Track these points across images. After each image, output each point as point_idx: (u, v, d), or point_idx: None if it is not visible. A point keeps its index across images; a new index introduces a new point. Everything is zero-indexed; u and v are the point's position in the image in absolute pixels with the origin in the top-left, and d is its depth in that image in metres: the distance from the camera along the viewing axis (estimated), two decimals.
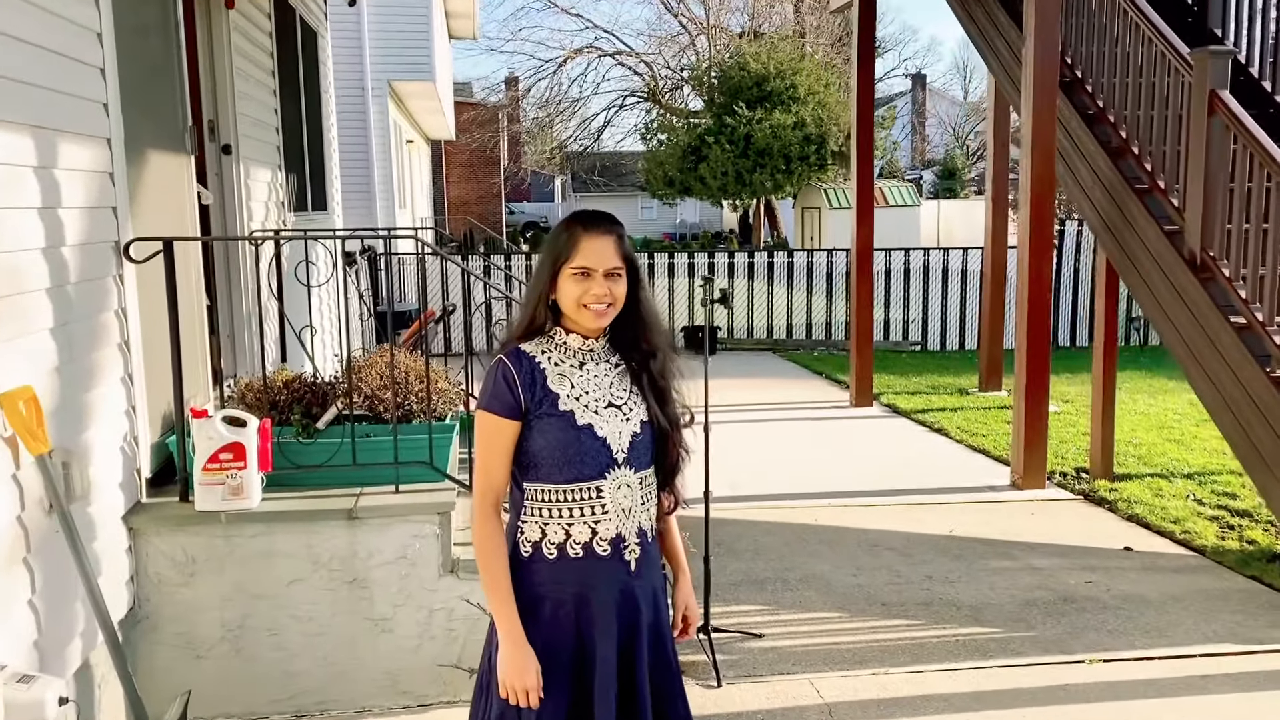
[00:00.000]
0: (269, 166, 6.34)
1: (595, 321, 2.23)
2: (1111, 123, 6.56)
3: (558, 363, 2.25)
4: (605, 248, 2.21)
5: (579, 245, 2.21)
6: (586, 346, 2.28)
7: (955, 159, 38.66)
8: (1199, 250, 5.69)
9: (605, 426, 2.22)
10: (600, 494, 2.21)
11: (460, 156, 31.96)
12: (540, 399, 2.21)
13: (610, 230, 2.24)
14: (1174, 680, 4.07)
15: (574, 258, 2.20)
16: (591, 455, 2.20)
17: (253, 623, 3.81)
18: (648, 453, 2.29)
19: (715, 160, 24.14)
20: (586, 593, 2.23)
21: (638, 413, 2.27)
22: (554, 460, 2.20)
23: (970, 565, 5.34)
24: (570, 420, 2.20)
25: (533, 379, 2.22)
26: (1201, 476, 6.91)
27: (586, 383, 2.24)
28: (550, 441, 2.20)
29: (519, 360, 2.23)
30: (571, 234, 2.23)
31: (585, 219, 2.25)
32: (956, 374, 11.27)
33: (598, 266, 2.19)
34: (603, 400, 2.24)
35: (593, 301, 2.20)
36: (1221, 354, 5.50)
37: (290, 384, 4.22)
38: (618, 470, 2.23)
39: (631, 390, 2.30)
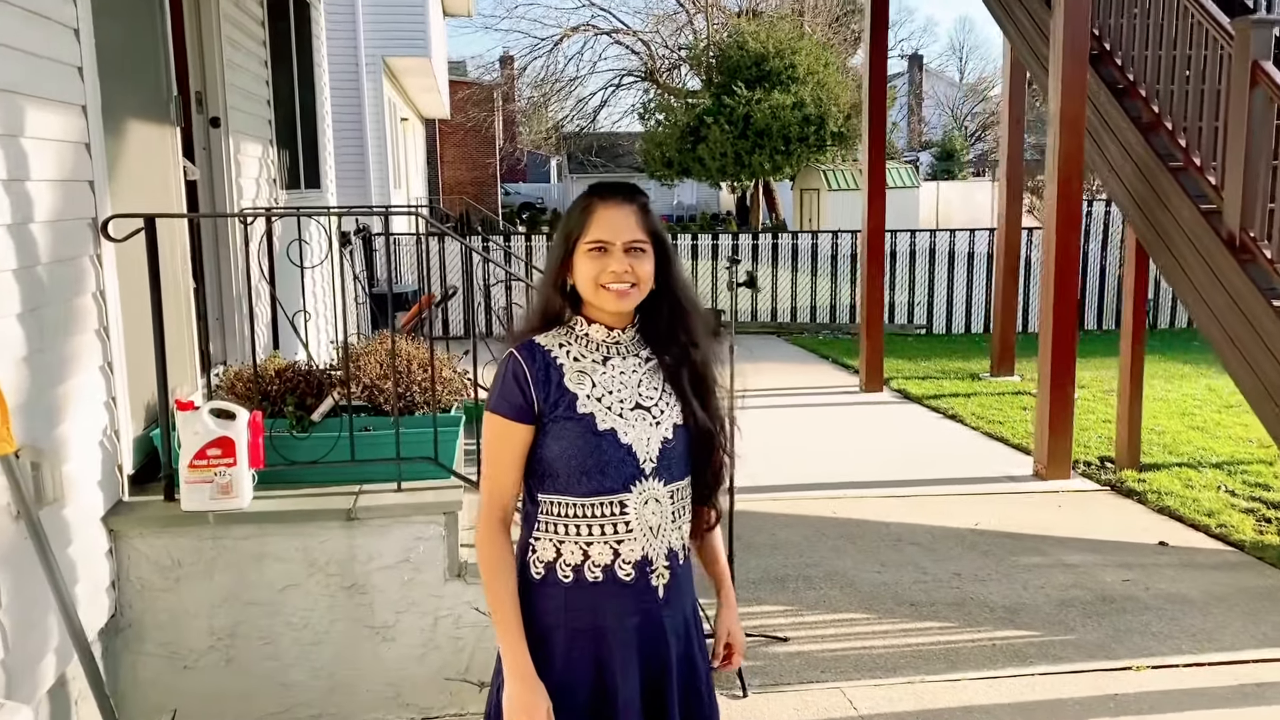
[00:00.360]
0: (260, 141, 6.02)
1: (617, 304, 1.93)
2: (1143, 97, 6.28)
3: (578, 357, 1.97)
4: (624, 219, 1.93)
5: (594, 217, 1.93)
6: (612, 338, 1.99)
7: (953, 140, 38.28)
8: (1238, 230, 5.42)
9: (631, 432, 1.94)
10: (624, 510, 1.93)
11: (455, 136, 31.56)
12: (556, 399, 1.93)
13: (629, 200, 1.96)
14: (1229, 690, 3.82)
15: (588, 231, 1.93)
16: (614, 465, 1.92)
17: (244, 631, 3.53)
18: (682, 462, 2.00)
19: (714, 141, 23.77)
20: (607, 623, 1.94)
21: (670, 415, 1.99)
22: (571, 470, 1.92)
23: (1000, 562, 5.08)
24: (590, 424, 1.92)
25: (547, 376, 1.94)
26: (1230, 466, 6.66)
27: (611, 381, 1.96)
28: (567, 448, 1.92)
29: (532, 354, 1.95)
30: (586, 206, 1.96)
31: (601, 189, 1.99)
32: (966, 358, 11.01)
33: (615, 240, 1.91)
34: (629, 401, 1.96)
35: (611, 280, 1.91)
36: (1263, 339, 5.24)
37: (283, 372, 3.93)
38: (644, 482, 1.94)
39: (664, 389, 2.01)
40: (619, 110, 71.34)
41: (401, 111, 17.61)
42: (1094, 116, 6.51)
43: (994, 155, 38.47)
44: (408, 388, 3.94)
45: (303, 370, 3.98)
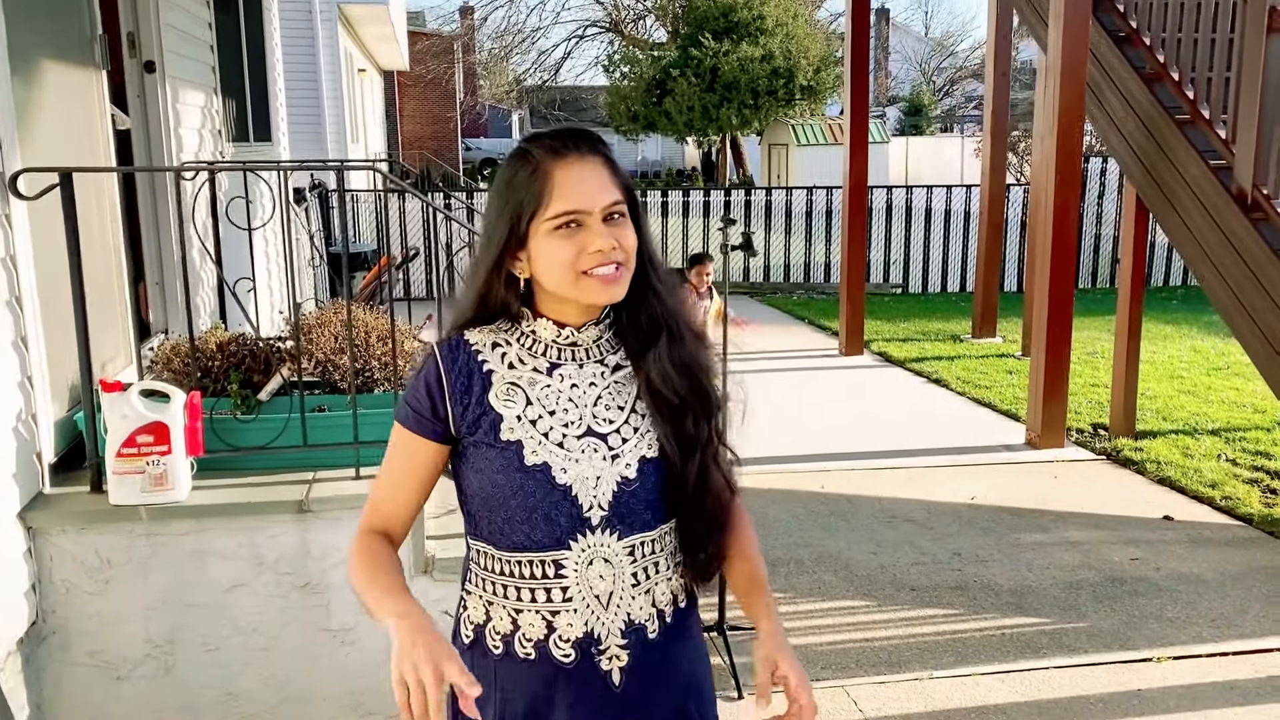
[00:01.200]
0: (203, 89, 5.54)
1: (606, 293, 1.45)
2: (1146, 45, 5.94)
3: (514, 363, 1.50)
4: (593, 176, 1.43)
5: (552, 181, 1.42)
6: (566, 338, 1.51)
7: (921, 95, 37.92)
8: (1250, 187, 5.12)
9: (572, 468, 1.45)
10: (560, 571, 1.46)
11: (414, 89, 30.73)
12: (476, 418, 1.46)
13: (594, 150, 1.46)
14: (1258, 683, 3.56)
15: (549, 201, 1.42)
16: (545, 512, 1.45)
17: (185, 636, 3.15)
18: (651, 507, 1.49)
19: (681, 94, 23.24)
20: (549, 713, 1.49)
21: (636, 446, 1.48)
22: (492, 515, 1.48)
23: (1001, 540, 4.80)
24: (515, 456, 1.44)
25: (468, 385, 1.47)
26: (1228, 433, 6.43)
27: (554, 397, 1.48)
28: (484, 485, 1.47)
29: (454, 356, 1.49)
30: (536, 167, 1.43)
31: (550, 140, 1.46)
32: (946, 319, 10.74)
33: (590, 207, 1.42)
34: (577, 425, 1.47)
35: (598, 264, 1.42)
36: (1277, 303, 4.96)
37: (225, 346, 3.52)
38: (589, 536, 1.46)
39: (634, 408, 1.51)
40: (582, 63, 70.24)
41: (358, 62, 16.95)
42: (1093, 67, 6.17)
43: (961, 110, 38.25)
44: (366, 362, 3.55)
45: (249, 343, 3.57)
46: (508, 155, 1.49)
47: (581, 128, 1.50)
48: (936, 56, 42.61)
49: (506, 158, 1.49)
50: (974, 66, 40.70)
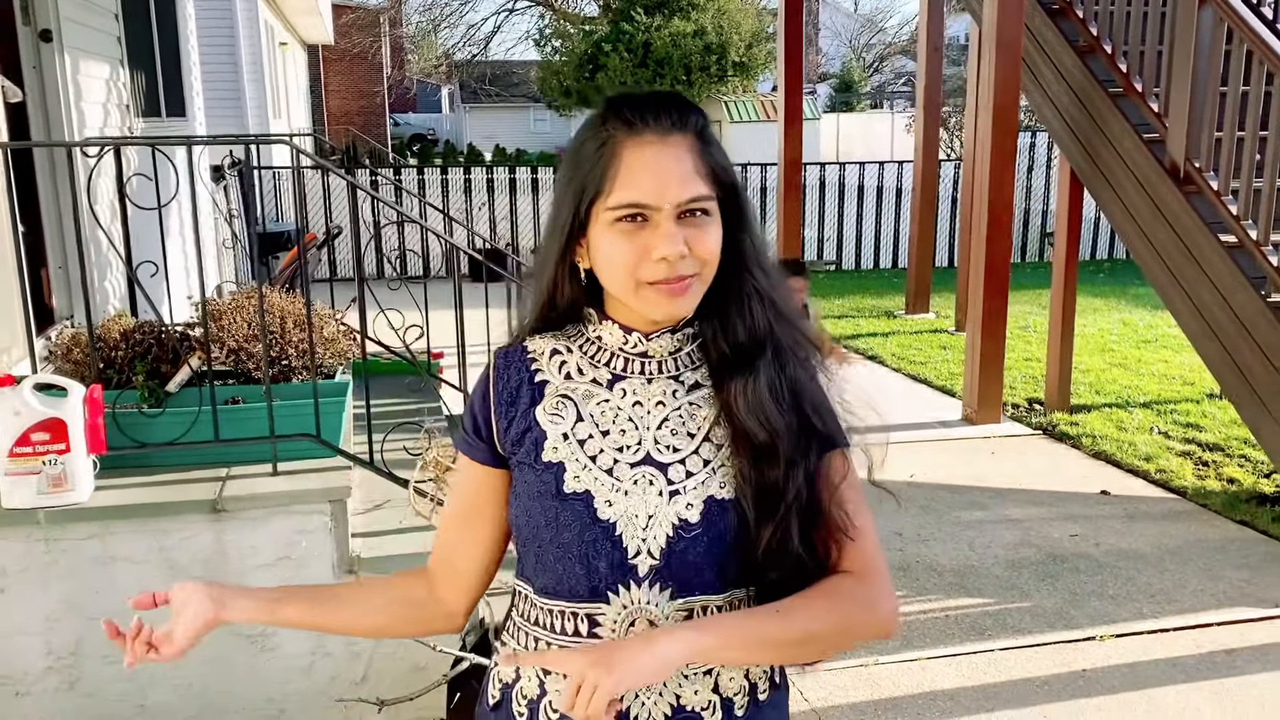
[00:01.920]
0: (107, 61, 5.23)
1: (667, 307, 1.19)
2: (1080, 19, 5.91)
3: (573, 373, 1.26)
4: (673, 162, 1.15)
5: (621, 162, 1.15)
6: (634, 346, 1.25)
7: (851, 72, 38.07)
8: (1183, 160, 5.12)
9: (620, 501, 1.19)
10: (594, 630, 1.21)
11: (340, 64, 30.00)
12: (521, 434, 1.24)
13: (680, 124, 1.17)
14: (1199, 659, 3.55)
15: (612, 186, 1.15)
16: (581, 552, 1.20)
17: (90, 648, 2.95)
18: (716, 564, 1.20)
19: (614, 70, 23.00)
20: None
21: (703, 482, 1.20)
22: (526, 548, 1.26)
23: (941, 518, 4.76)
24: (554, 480, 1.21)
25: (515, 396, 1.26)
26: (1159, 406, 6.49)
27: (612, 415, 1.23)
28: (521, 513, 1.24)
29: (507, 365, 1.28)
30: (606, 140, 1.17)
31: (632, 109, 1.17)
32: (880, 295, 10.75)
33: (659, 201, 1.15)
34: (634, 450, 1.22)
35: (660, 274, 1.16)
36: (1209, 276, 4.97)
37: (130, 335, 3.29)
38: (634, 590, 1.19)
39: (707, 436, 1.23)
40: (513, 37, 69.22)
41: (280, 35, 16.41)
42: (1027, 40, 6.13)
43: (891, 86, 38.52)
44: (282, 350, 3.35)
45: (155, 332, 3.35)
46: (591, 115, 1.24)
47: (677, 95, 1.21)
48: (866, 33, 42.82)
49: (587, 120, 1.24)
50: (903, 43, 41.02)
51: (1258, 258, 4.76)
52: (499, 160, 16.60)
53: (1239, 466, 5.39)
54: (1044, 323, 8.85)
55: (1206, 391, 6.73)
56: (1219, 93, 5.07)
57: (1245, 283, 4.78)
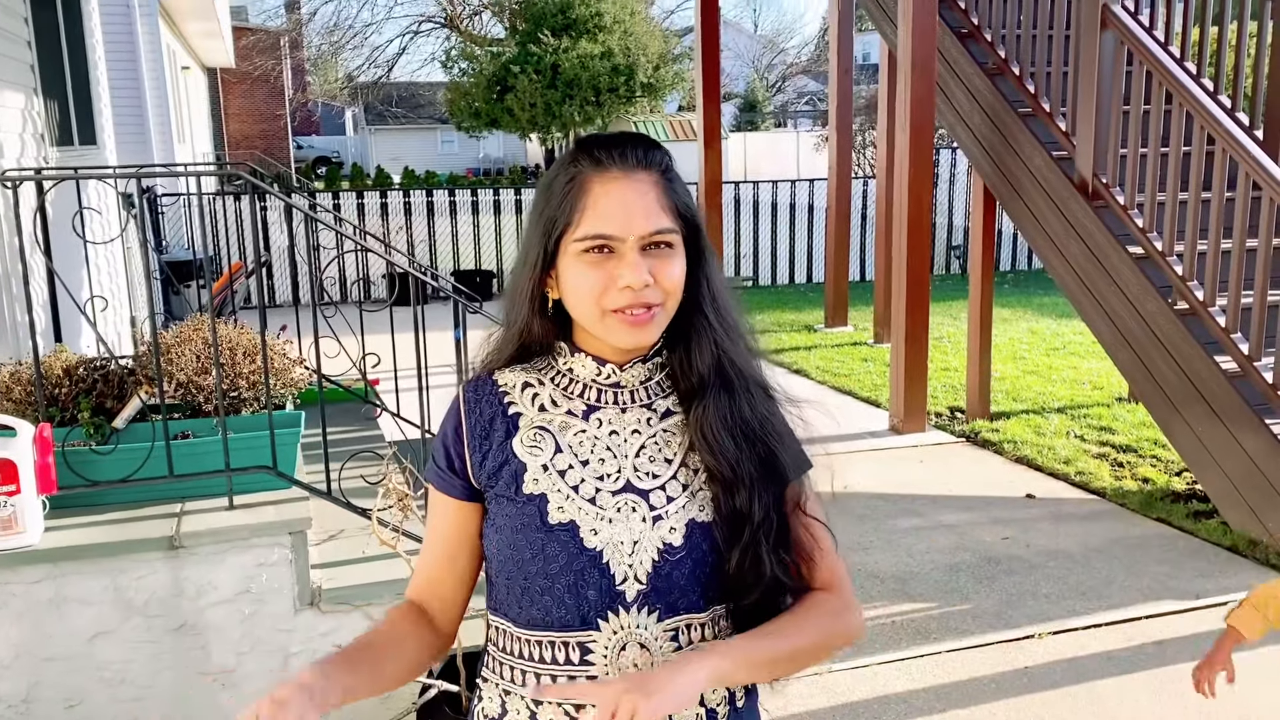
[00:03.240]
0: (22, 90, 5.09)
1: (632, 336, 1.23)
2: (988, 42, 6.17)
3: (546, 405, 1.29)
4: (636, 195, 1.21)
5: (589, 195, 1.21)
6: (606, 377, 1.29)
7: (755, 91, 38.75)
8: (1091, 176, 5.38)
9: (605, 529, 1.23)
10: (587, 657, 1.23)
11: (240, 86, 29.45)
12: (497, 467, 1.27)
13: (644, 163, 1.23)
14: (1131, 651, 3.73)
15: (580, 219, 1.21)
16: (570, 582, 1.23)
17: (43, 694, 2.87)
18: (700, 584, 1.25)
19: (522, 91, 23.05)
20: None
21: (684, 506, 1.25)
22: (510, 581, 1.26)
23: (879, 526, 4.90)
24: (537, 512, 1.23)
25: (489, 429, 1.28)
26: (1073, 410, 6.76)
27: (590, 444, 1.27)
28: (501, 546, 1.26)
29: (477, 396, 1.30)
30: (574, 176, 1.23)
31: (600, 148, 1.23)
32: (798, 310, 10.96)
33: (624, 233, 1.20)
34: (614, 479, 1.26)
35: (626, 302, 1.20)
36: (1120, 286, 5.23)
37: (73, 371, 3.22)
38: (623, 615, 1.23)
39: (684, 461, 1.28)
40: (418, 59, 68.75)
41: (182, 59, 16.06)
42: (939, 63, 6.37)
43: (794, 106, 39.31)
44: (233, 382, 3.31)
45: (98, 367, 3.28)
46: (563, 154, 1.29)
47: (642, 135, 1.28)
48: (768, 54, 43.65)
49: (561, 158, 1.29)
50: (804, 63, 41.94)
51: (1164, 267, 5.03)
52: (412, 183, 16.46)
53: (1151, 466, 5.66)
54: (956, 333, 9.17)
55: (1115, 396, 7.04)
56: (1122, 111, 5.36)
57: (1154, 291, 5.05)
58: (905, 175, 6.10)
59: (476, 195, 12.72)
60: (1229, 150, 4.61)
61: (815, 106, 36.45)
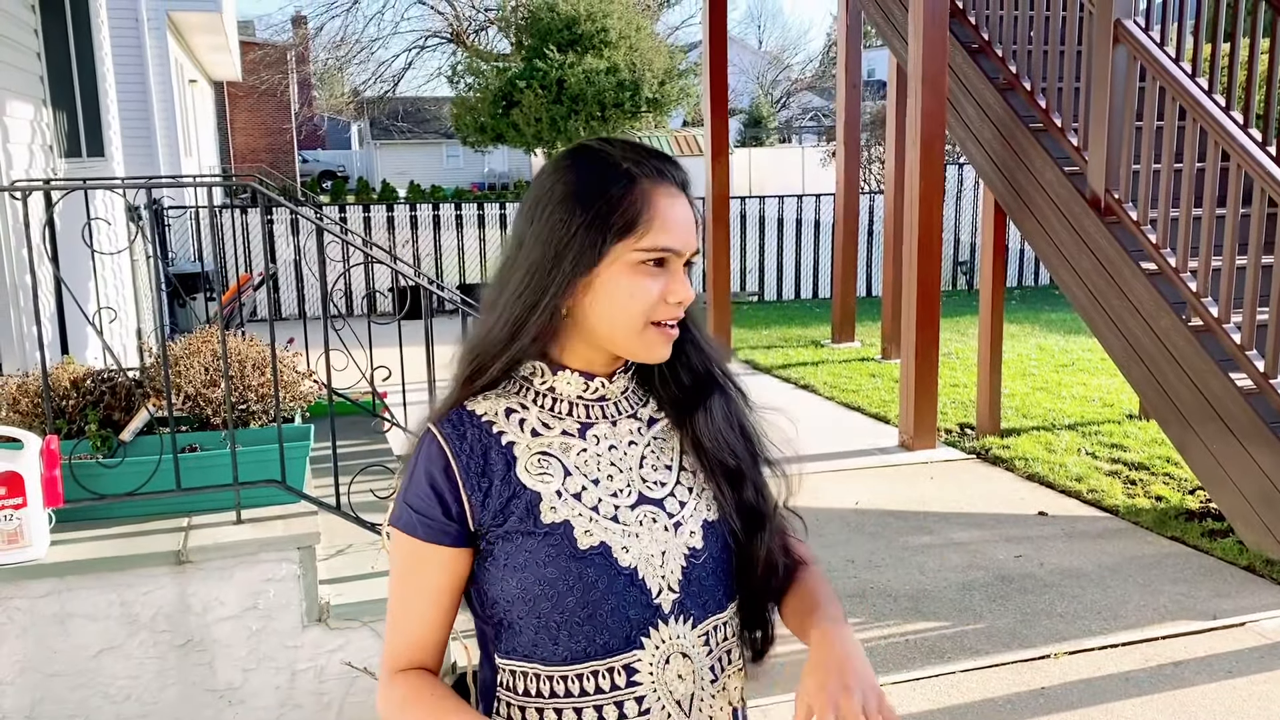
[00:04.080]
0: (31, 101, 5.08)
1: (666, 348, 1.22)
2: (999, 57, 6.15)
3: (539, 429, 1.23)
4: (688, 215, 1.21)
5: (656, 207, 1.18)
6: (594, 391, 1.25)
7: (760, 107, 38.84)
8: (1103, 192, 5.35)
9: (634, 545, 1.19)
10: (633, 679, 1.19)
11: (246, 100, 29.54)
12: (505, 504, 1.18)
13: (684, 184, 1.24)
14: (1148, 672, 3.67)
15: (648, 230, 1.17)
16: (613, 605, 1.18)
17: (47, 710, 2.83)
18: (721, 583, 1.25)
19: (528, 106, 23.10)
20: None
21: (696, 508, 1.25)
22: (538, 622, 1.19)
23: (890, 544, 4.85)
24: (565, 540, 1.17)
25: (486, 465, 1.19)
26: (1083, 427, 6.72)
27: (595, 462, 1.23)
28: (529, 586, 1.17)
29: (459, 431, 1.21)
30: (635, 183, 1.18)
31: (652, 160, 1.21)
32: (805, 325, 10.93)
33: (685, 248, 1.20)
34: (628, 493, 1.22)
35: (669, 315, 1.20)
36: (1133, 302, 5.19)
37: (80, 383, 3.19)
38: (663, 629, 1.20)
39: (682, 464, 1.27)
40: (424, 74, 69.00)
41: (189, 73, 16.11)
42: (950, 78, 6.36)
43: (798, 121, 39.37)
44: (241, 395, 3.28)
45: (106, 378, 3.25)
46: (576, 157, 1.22)
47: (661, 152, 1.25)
48: (773, 70, 43.78)
49: (576, 160, 1.21)
50: (808, 79, 42.06)
51: (1177, 283, 4.99)
52: (417, 197, 16.47)
53: (1164, 484, 5.61)
54: (964, 349, 9.13)
55: (1126, 412, 6.99)
56: (1135, 127, 5.34)
57: (1167, 308, 5.01)
58: (915, 190, 6.08)
59: (482, 209, 12.73)
60: (1244, 166, 4.58)
61: (820, 122, 36.52)
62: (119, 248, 3.25)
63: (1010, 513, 5.28)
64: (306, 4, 46.41)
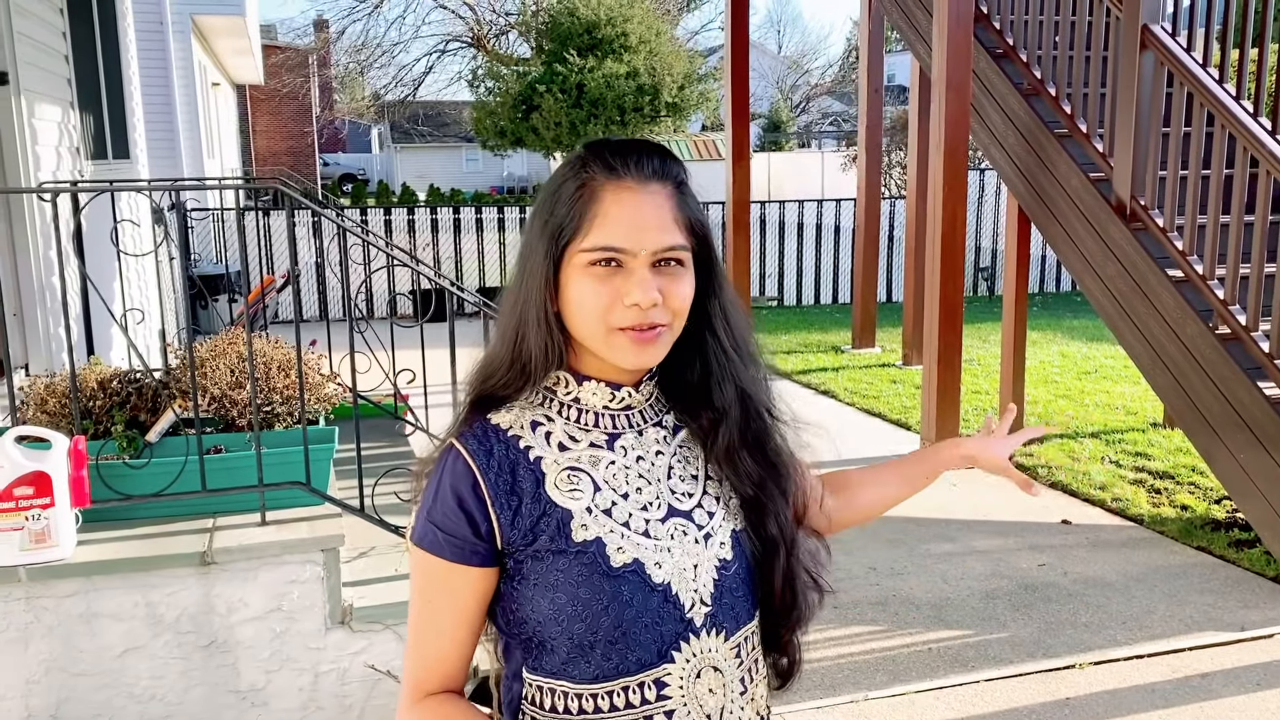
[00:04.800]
0: (59, 103, 5.12)
1: (636, 356, 1.15)
2: (1024, 62, 6.11)
3: (566, 443, 1.19)
4: (652, 210, 1.13)
5: (600, 204, 1.13)
6: (620, 401, 1.21)
7: (779, 111, 38.79)
8: (1129, 198, 5.31)
9: (667, 561, 1.16)
10: (663, 693, 1.16)
11: (268, 103, 29.75)
12: (535, 522, 1.15)
13: (660, 174, 1.15)
14: (1174, 684, 3.64)
15: (589, 228, 1.13)
16: (647, 622, 1.15)
17: (72, 710, 2.84)
18: (748, 594, 1.22)
19: (548, 110, 23.14)
20: None
21: (724, 519, 1.22)
22: (571, 642, 1.14)
23: (912, 551, 4.82)
24: (597, 558, 1.14)
25: (514, 482, 1.15)
26: (1107, 435, 6.67)
27: (625, 475, 1.19)
28: (561, 605, 1.13)
29: (486, 446, 1.16)
30: (584, 182, 1.14)
31: (614, 154, 1.14)
32: (824, 331, 10.90)
33: (635, 247, 1.12)
34: (657, 506, 1.19)
35: (634, 321, 1.12)
36: (1159, 310, 5.15)
37: (107, 383, 3.21)
38: (695, 642, 1.17)
39: (708, 475, 1.24)
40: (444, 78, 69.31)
41: (212, 76, 16.22)
42: (974, 83, 6.32)
43: (818, 126, 39.29)
44: (267, 396, 3.29)
45: (132, 379, 3.26)
46: (568, 158, 1.20)
47: (659, 144, 1.19)
48: (792, 74, 43.72)
49: (565, 161, 1.20)
50: (828, 84, 41.99)
51: (1204, 291, 4.94)
52: (437, 200, 16.53)
53: (1190, 493, 5.55)
54: (986, 356, 9.09)
55: (1150, 420, 6.93)
56: (1161, 133, 5.29)
57: (1194, 315, 4.96)
58: (939, 196, 6.05)
59: (501, 213, 12.75)
60: (1273, 172, 4.53)
61: (839, 127, 36.43)
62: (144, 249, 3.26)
63: (1033, 521, 5.24)
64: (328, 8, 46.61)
